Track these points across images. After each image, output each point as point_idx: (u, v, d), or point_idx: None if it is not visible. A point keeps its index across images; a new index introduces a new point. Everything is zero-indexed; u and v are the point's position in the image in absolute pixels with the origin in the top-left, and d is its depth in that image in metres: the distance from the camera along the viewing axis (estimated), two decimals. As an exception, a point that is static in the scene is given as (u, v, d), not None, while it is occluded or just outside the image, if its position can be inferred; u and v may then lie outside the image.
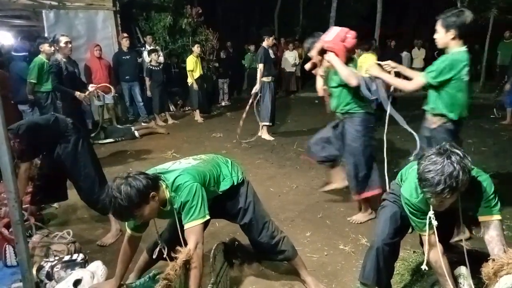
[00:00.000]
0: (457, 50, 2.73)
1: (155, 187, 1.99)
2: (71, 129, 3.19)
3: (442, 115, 2.79)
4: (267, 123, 6.63)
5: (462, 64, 2.69)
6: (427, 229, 1.93)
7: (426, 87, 2.84)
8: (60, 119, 3.26)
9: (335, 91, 3.44)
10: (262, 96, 6.52)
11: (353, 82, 3.17)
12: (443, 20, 2.74)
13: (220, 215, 2.45)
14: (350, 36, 3.28)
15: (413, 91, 2.93)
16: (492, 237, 1.86)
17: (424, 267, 1.99)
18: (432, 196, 1.73)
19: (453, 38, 2.71)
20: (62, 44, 5.02)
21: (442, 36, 2.76)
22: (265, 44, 6.48)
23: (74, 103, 5.26)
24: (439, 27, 2.76)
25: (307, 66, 3.67)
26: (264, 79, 6.45)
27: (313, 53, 3.48)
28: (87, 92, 5.06)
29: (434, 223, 1.88)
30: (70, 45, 5.17)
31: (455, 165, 1.66)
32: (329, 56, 3.24)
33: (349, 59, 3.34)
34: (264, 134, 6.66)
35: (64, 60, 5.08)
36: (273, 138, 6.61)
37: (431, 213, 1.88)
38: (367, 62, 6.76)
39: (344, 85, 3.31)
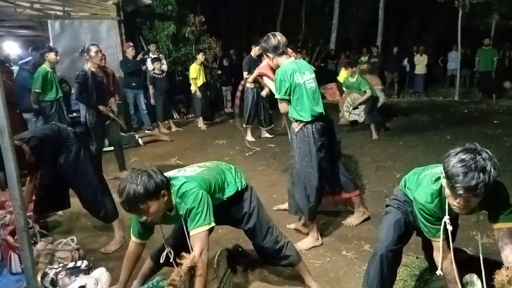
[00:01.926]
0: (284, 63, 3.11)
1: (168, 188, 2.06)
2: (72, 138, 3.19)
3: (300, 119, 3.13)
4: (245, 125, 7.04)
5: (290, 73, 3.04)
6: (441, 234, 1.92)
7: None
8: (61, 128, 3.27)
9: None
10: (245, 100, 7.01)
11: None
12: (261, 48, 3.25)
13: (224, 221, 2.46)
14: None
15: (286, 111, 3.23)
16: (506, 244, 1.84)
17: (439, 272, 1.97)
18: (465, 192, 1.67)
19: (273, 59, 3.14)
20: (92, 54, 4.94)
21: (268, 60, 3.21)
22: (252, 53, 7.04)
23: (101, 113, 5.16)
24: (264, 54, 3.25)
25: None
26: (248, 85, 6.80)
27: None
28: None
29: (450, 228, 1.87)
30: (100, 54, 5.09)
31: (487, 161, 1.66)
32: (264, 79, 3.71)
33: None
34: (248, 136, 6.98)
35: (93, 69, 4.97)
36: (273, 137, 6.93)
37: (446, 218, 1.87)
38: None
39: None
